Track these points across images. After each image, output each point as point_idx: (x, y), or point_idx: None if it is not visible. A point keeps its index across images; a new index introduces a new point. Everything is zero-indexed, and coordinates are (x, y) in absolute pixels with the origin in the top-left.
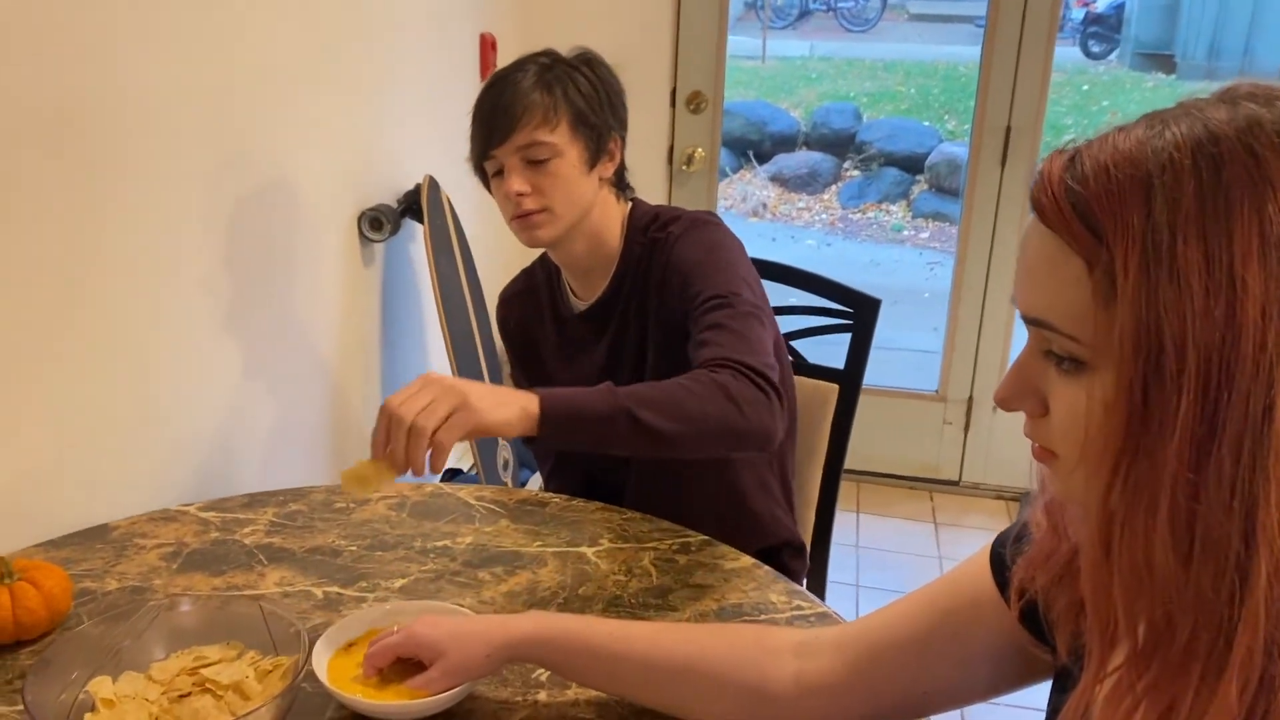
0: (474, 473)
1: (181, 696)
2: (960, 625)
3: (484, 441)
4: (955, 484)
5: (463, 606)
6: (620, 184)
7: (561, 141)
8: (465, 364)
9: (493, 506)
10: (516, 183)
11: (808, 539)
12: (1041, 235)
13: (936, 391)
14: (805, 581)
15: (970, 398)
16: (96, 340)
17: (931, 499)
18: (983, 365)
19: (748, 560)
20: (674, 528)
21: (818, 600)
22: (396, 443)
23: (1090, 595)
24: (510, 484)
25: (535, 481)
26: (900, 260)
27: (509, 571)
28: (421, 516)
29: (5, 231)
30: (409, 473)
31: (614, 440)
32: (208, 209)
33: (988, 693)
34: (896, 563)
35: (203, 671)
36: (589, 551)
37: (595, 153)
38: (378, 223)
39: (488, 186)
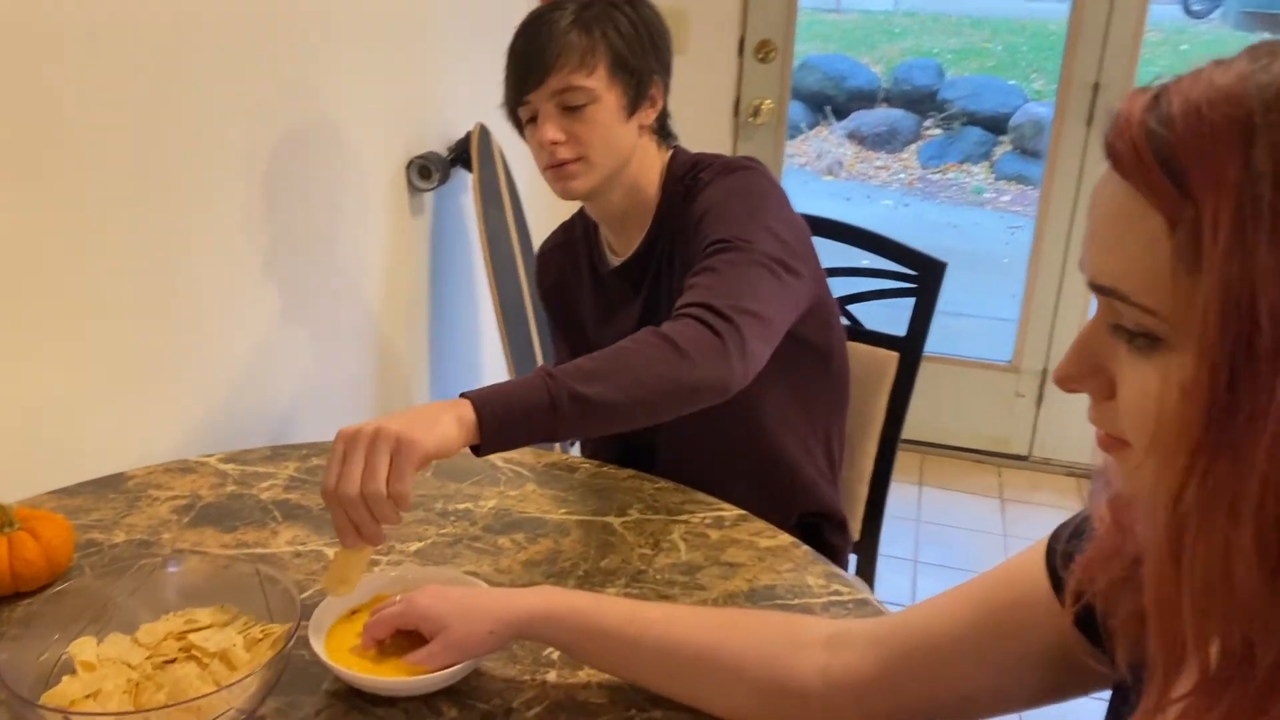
0: None
1: (166, 663)
2: (1007, 626)
3: None
4: (1024, 459)
5: (477, 576)
6: (662, 132)
7: (599, 86)
8: (512, 321)
9: (520, 469)
10: (551, 130)
11: (858, 512)
12: (1116, 188)
13: (1010, 362)
14: (849, 558)
15: (1044, 369)
16: (123, 276)
17: (999, 474)
18: (1059, 336)
19: (785, 538)
20: (709, 500)
21: (858, 584)
22: (362, 522)
23: (1155, 609)
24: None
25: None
26: (980, 224)
27: (530, 539)
28: (446, 477)
29: (33, 152)
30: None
31: (562, 427)
32: (250, 143)
33: (1032, 701)
34: (958, 539)
35: (190, 637)
36: (616, 522)
37: (635, 98)
38: (426, 171)
39: (521, 134)
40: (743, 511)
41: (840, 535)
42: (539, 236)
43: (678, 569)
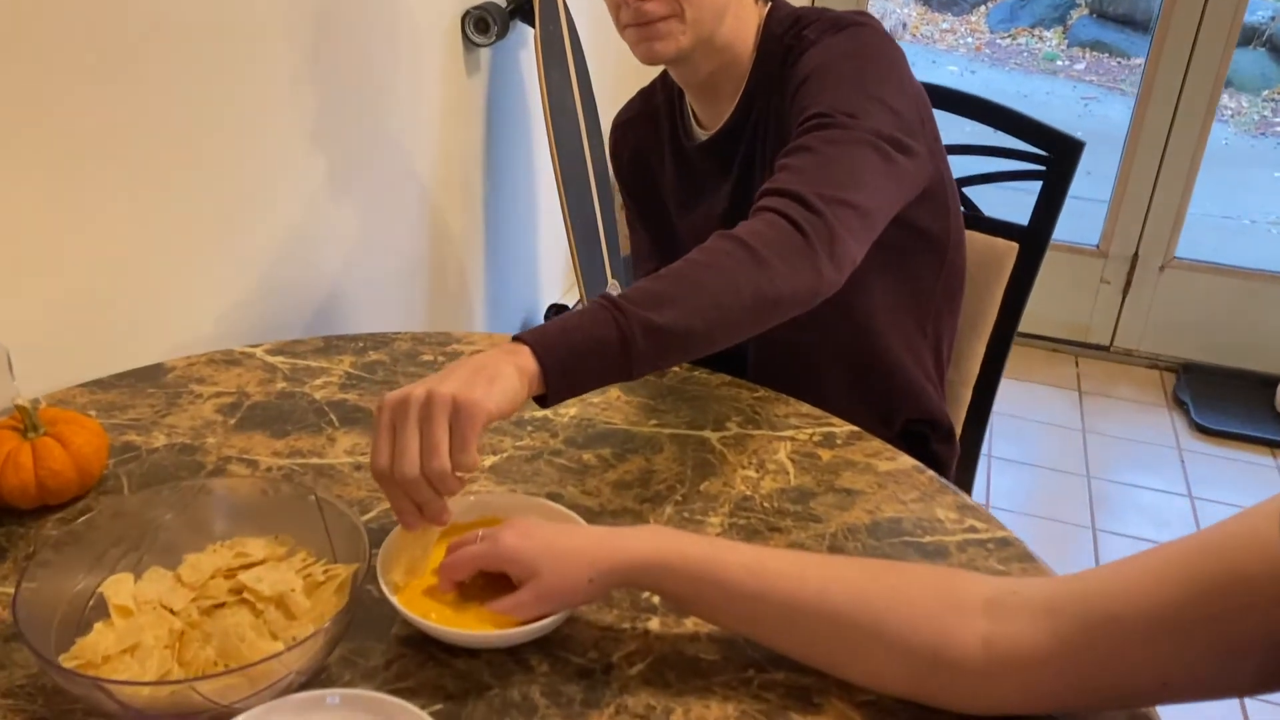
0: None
1: (215, 607)
2: (1224, 604)
3: (590, 275)
4: (1105, 349)
5: (561, 499)
6: None
7: None
8: (574, 191)
9: None
10: None
11: (960, 417)
12: None
13: (1097, 246)
14: (953, 470)
15: (1136, 254)
16: (157, 145)
17: (1077, 364)
18: (1155, 220)
19: (906, 460)
20: (815, 413)
21: (996, 520)
22: (426, 502)
23: None
24: None
25: None
26: (1052, 94)
27: (618, 456)
28: None
29: (62, 14)
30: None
31: (638, 364)
32: None
33: (1254, 688)
34: (1032, 433)
35: (241, 576)
36: (713, 437)
37: None
38: (483, 24)
39: None
40: (855, 428)
41: (947, 445)
42: (605, 101)
43: (787, 496)
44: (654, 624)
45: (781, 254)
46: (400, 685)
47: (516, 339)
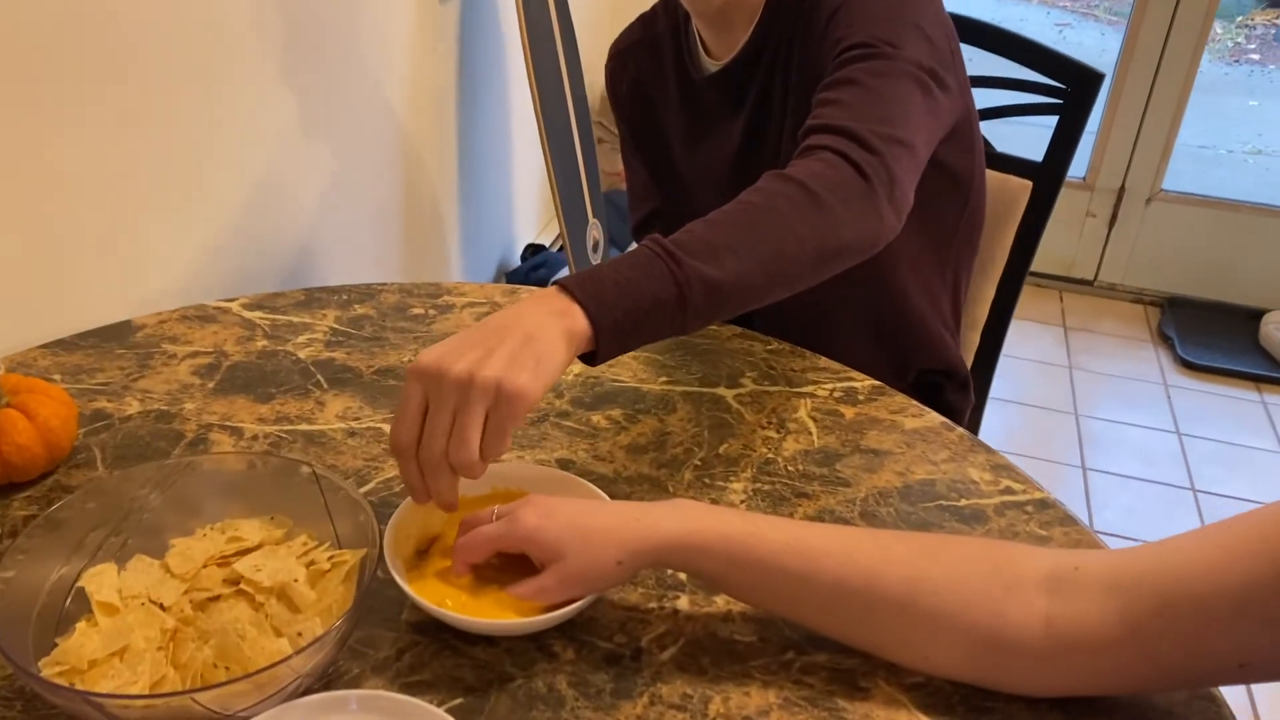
0: (560, 250)
1: (209, 600)
2: None
3: (570, 214)
4: (1089, 284)
5: (573, 464)
6: None
7: None
8: (554, 125)
9: None
10: None
11: (967, 361)
12: None
13: (1083, 179)
14: (967, 420)
15: (1122, 187)
16: (118, 89)
17: (1061, 299)
18: (1142, 152)
19: (933, 417)
20: (833, 366)
21: (1031, 480)
22: (441, 491)
23: None
24: None
25: None
26: (1025, 20)
27: (630, 416)
28: None
29: None
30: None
31: (692, 322)
32: None
33: None
34: (1018, 370)
35: (236, 566)
36: (729, 395)
37: None
38: None
39: None
40: (877, 382)
41: (962, 395)
42: (587, 31)
43: (812, 458)
44: (683, 602)
45: (844, 199)
46: (415, 679)
47: (563, 288)
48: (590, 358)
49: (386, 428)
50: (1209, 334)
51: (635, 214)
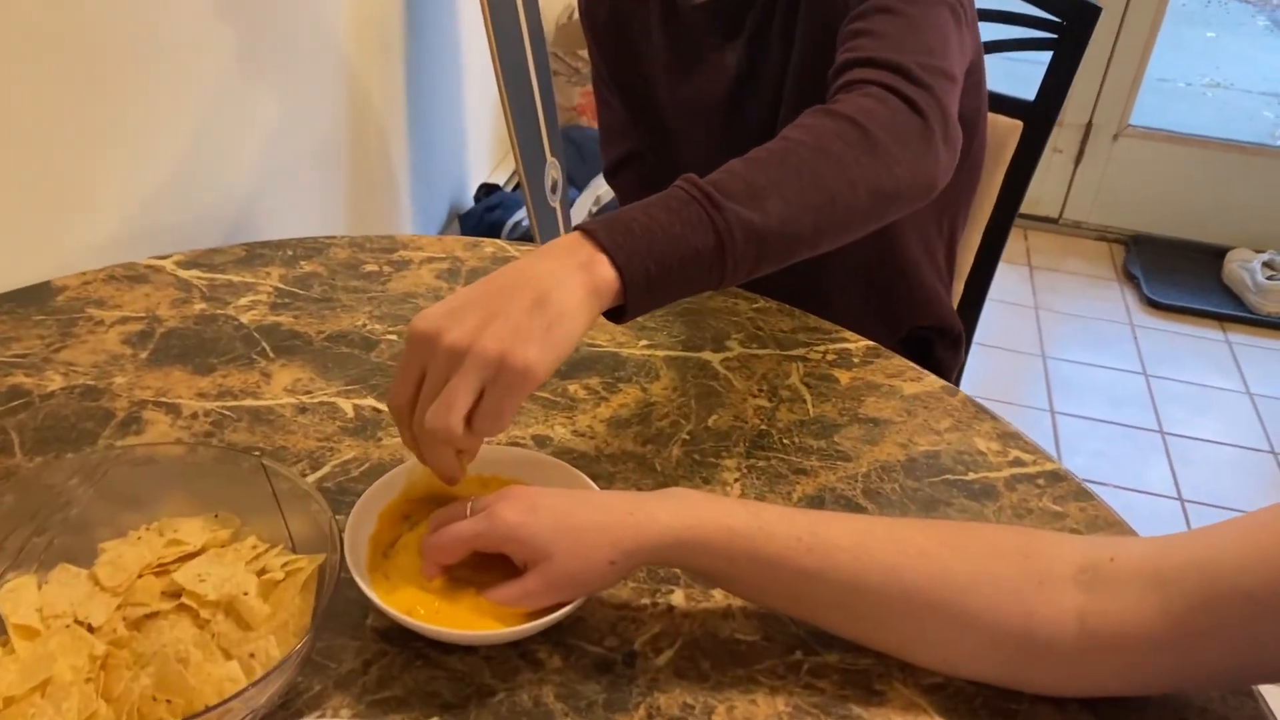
0: (515, 190)
1: (146, 617)
2: None
3: (527, 152)
4: (1054, 221)
5: (550, 443)
6: None
7: None
8: (508, 58)
9: None
10: None
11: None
12: None
13: None
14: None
15: (1089, 123)
16: (34, 24)
17: (1025, 238)
18: (1110, 87)
19: (933, 381)
20: (823, 325)
21: (1041, 450)
22: (441, 468)
23: None
24: (559, 210)
25: (584, 203)
26: None
27: (609, 386)
28: None
29: None
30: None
31: (731, 274)
32: None
33: None
34: (985, 311)
35: (176, 576)
36: (715, 359)
37: None
38: None
39: None
40: (870, 343)
41: (953, 352)
42: None
43: (808, 429)
44: (678, 597)
45: (900, 138)
46: (385, 694)
47: (585, 233)
48: (616, 314)
49: (345, 405)
50: (1174, 272)
51: (609, 154)
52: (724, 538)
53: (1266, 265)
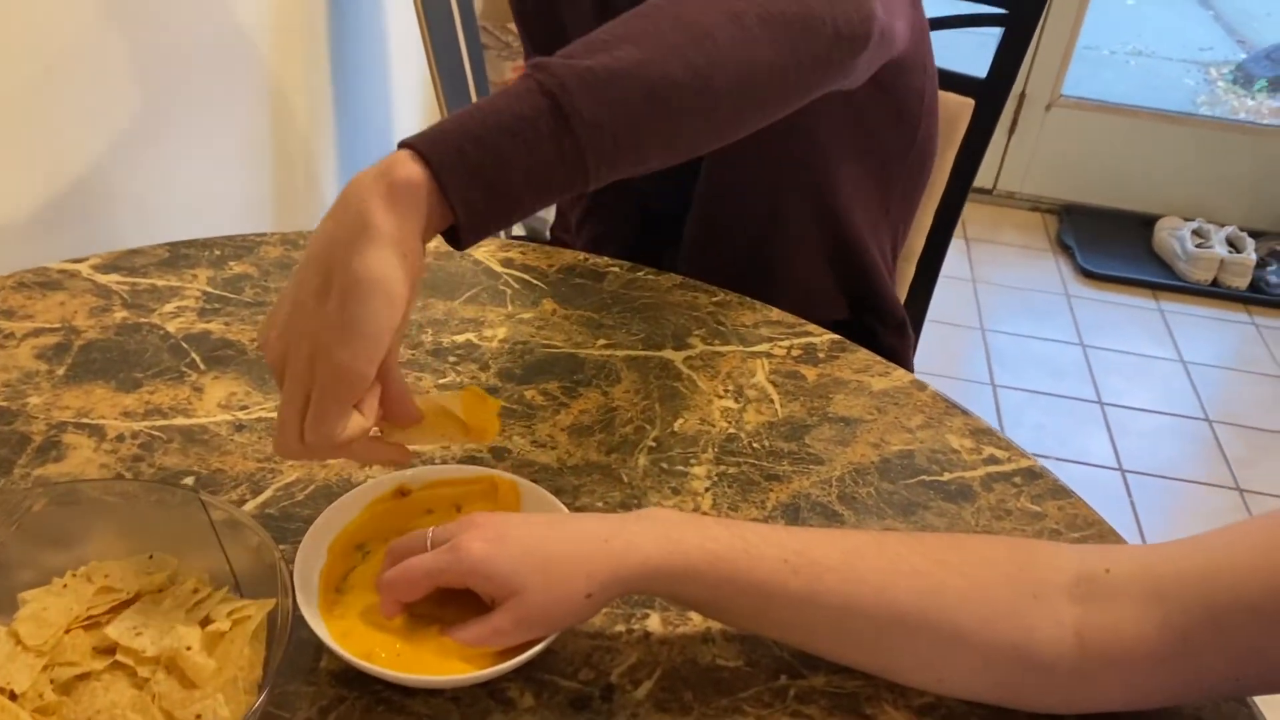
0: None
1: (78, 679)
2: None
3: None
4: (989, 192)
5: (509, 453)
6: None
7: None
8: (438, 32)
9: (527, 277)
10: None
11: (902, 296)
12: None
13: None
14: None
15: (1023, 93)
16: None
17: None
18: (1043, 57)
19: (902, 375)
20: (786, 319)
21: (1015, 446)
22: (363, 459)
23: None
24: None
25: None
26: None
27: (568, 390)
28: (430, 291)
29: None
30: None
31: (589, 143)
32: None
33: None
34: None
35: (109, 630)
36: (677, 358)
37: None
38: None
39: None
40: (836, 336)
41: (900, 339)
42: None
43: (778, 431)
44: (654, 623)
45: None
46: None
47: (404, 144)
48: (458, 238)
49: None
50: (1106, 242)
51: None
52: (710, 564)
53: (1195, 233)
